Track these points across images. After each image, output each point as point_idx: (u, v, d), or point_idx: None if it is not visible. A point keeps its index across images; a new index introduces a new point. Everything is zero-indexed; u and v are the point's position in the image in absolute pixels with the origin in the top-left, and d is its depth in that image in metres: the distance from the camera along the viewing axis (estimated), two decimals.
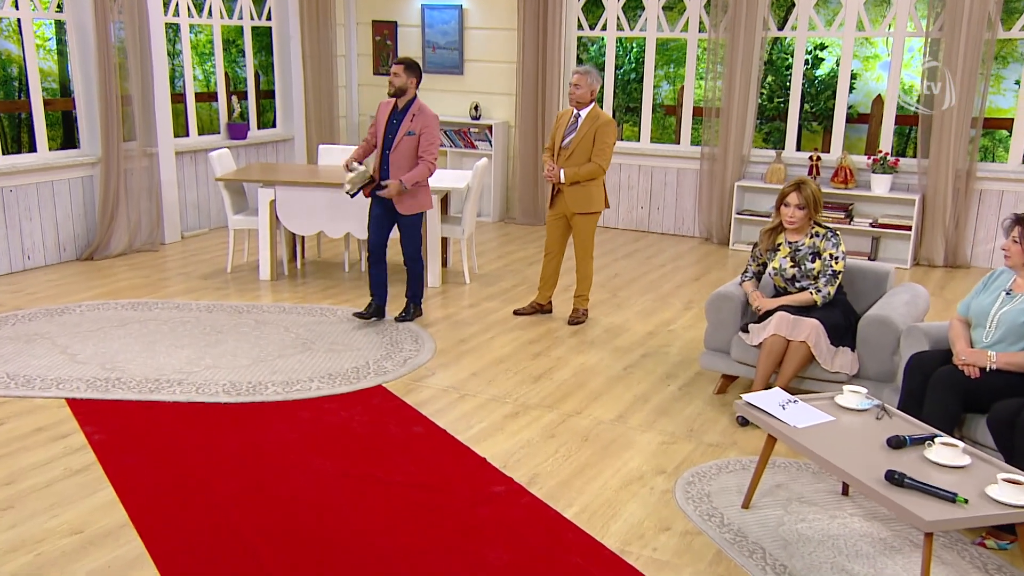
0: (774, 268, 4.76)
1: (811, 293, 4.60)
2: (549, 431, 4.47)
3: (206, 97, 10.21)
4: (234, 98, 9.07)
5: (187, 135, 8.74)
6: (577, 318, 6.19)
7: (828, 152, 8.30)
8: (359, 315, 6.03)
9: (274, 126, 9.76)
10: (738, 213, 8.46)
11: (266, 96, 10.10)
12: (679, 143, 9.09)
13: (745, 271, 4.96)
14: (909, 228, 7.71)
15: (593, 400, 4.88)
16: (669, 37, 8.92)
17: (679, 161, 8.90)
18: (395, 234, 6.08)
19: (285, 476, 3.94)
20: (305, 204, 6.88)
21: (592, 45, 10.77)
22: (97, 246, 7.67)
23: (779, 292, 4.82)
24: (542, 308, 6.35)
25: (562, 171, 5.86)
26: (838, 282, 4.60)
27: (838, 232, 4.70)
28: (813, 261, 4.64)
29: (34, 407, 4.62)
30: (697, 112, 8.86)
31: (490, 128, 9.37)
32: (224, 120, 9.09)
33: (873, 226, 7.84)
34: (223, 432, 4.38)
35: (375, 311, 6.05)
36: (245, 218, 7.20)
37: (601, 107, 6.30)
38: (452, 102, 9.62)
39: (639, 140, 9.08)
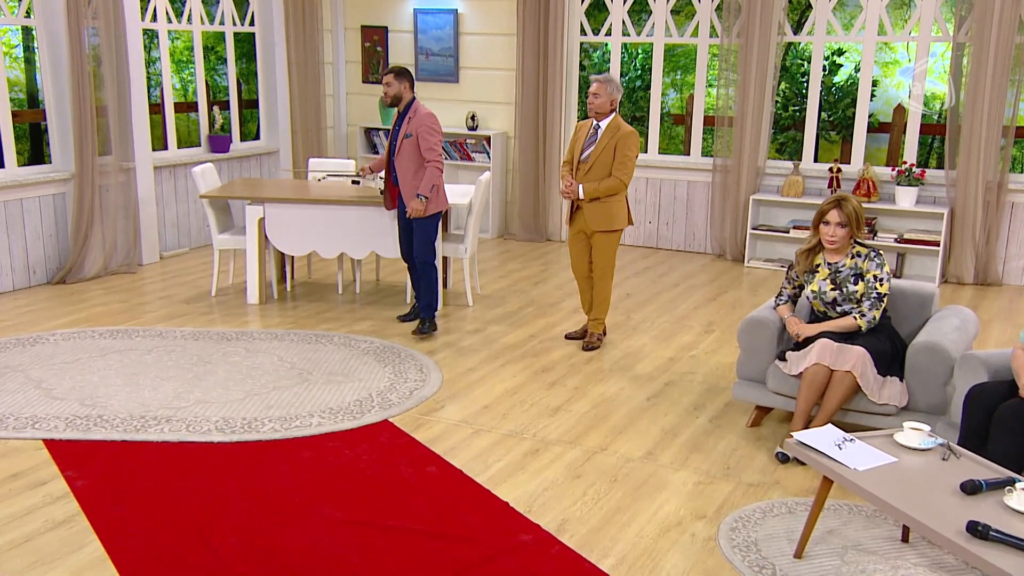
0: (813, 291, 4.61)
1: (854, 318, 4.45)
2: (574, 470, 4.30)
3: (184, 107, 10.02)
4: (215, 108, 8.89)
5: (165, 148, 8.55)
6: (592, 343, 6.03)
7: (848, 163, 8.19)
8: (403, 318, 6.49)
9: (257, 138, 9.57)
10: (753, 228, 8.33)
11: (247, 106, 9.92)
12: (689, 154, 8.97)
13: (779, 294, 4.81)
14: (937, 244, 7.60)
15: (618, 435, 4.71)
16: (678, 43, 8.81)
17: (689, 173, 8.77)
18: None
19: (290, 525, 3.75)
20: (296, 222, 6.70)
21: (594, 51, 10.66)
22: (70, 269, 7.45)
23: (818, 317, 4.68)
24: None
25: (581, 187, 5.71)
26: (883, 306, 4.46)
27: (881, 252, 4.56)
28: (855, 283, 4.49)
29: (8, 450, 4.41)
30: (708, 121, 8.75)
31: (488, 139, 9.23)
32: (205, 132, 8.90)
33: (899, 242, 7.73)
34: (218, 475, 4.18)
35: (418, 313, 6.39)
36: (231, 237, 7.01)
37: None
38: (447, 112, 9.46)
39: (646, 151, 8.95)
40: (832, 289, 4.54)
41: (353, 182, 6.72)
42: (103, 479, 4.13)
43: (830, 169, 8.01)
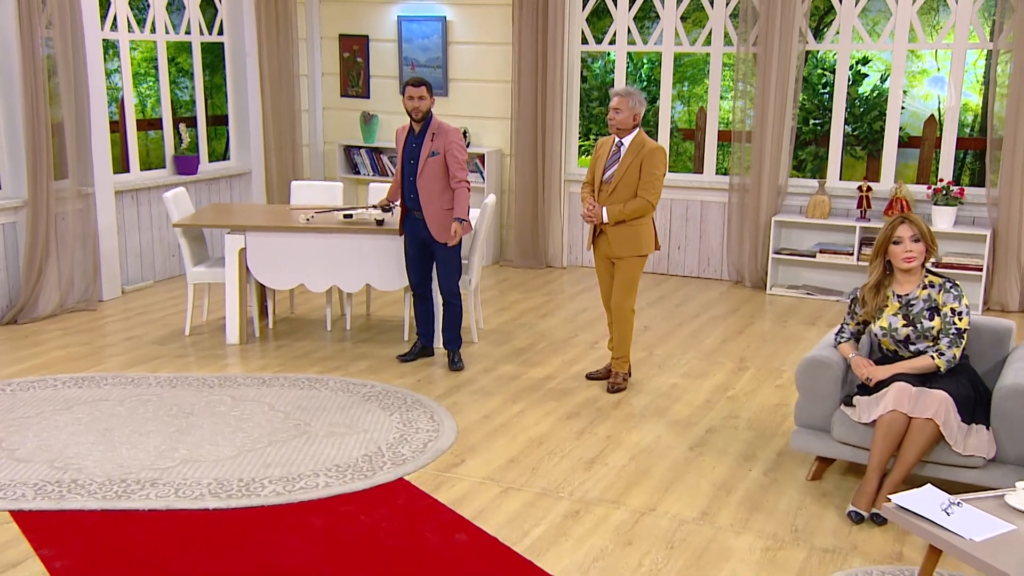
0: (882, 328, 4.41)
1: (932, 358, 4.25)
2: (623, 535, 4.05)
3: (144, 125, 9.70)
4: (181, 126, 8.58)
5: (127, 171, 8.23)
6: (618, 384, 5.80)
7: (877, 181, 8.06)
8: (403, 358, 6.25)
9: (227, 158, 9.28)
10: (776, 252, 8.17)
11: (213, 122, 9.63)
12: (702, 172, 8.81)
13: (840, 330, 4.61)
14: (979, 268, 7.47)
15: (664, 492, 4.46)
16: (689, 51, 8.66)
17: (703, 193, 8.60)
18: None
19: None
20: (282, 253, 6.42)
21: (594, 61, 10.49)
22: (22, 307, 7.10)
23: (886, 356, 4.48)
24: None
25: (604, 209, 5.50)
26: (964, 343, 4.27)
27: (957, 282, 4.38)
28: (931, 318, 4.30)
29: None
30: (722, 136, 8.60)
31: (481, 158, 9.01)
32: (170, 152, 8.59)
33: (936, 266, 7.58)
34: (217, 549, 3.88)
35: (421, 351, 6.31)
36: (207, 270, 6.71)
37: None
38: None
39: None
40: (904, 325, 4.35)
41: (345, 216, 6.41)
42: (85, 557, 3.81)
43: (859, 188, 7.87)
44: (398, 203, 6.24)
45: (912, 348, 4.36)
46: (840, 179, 8.27)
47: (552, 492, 4.45)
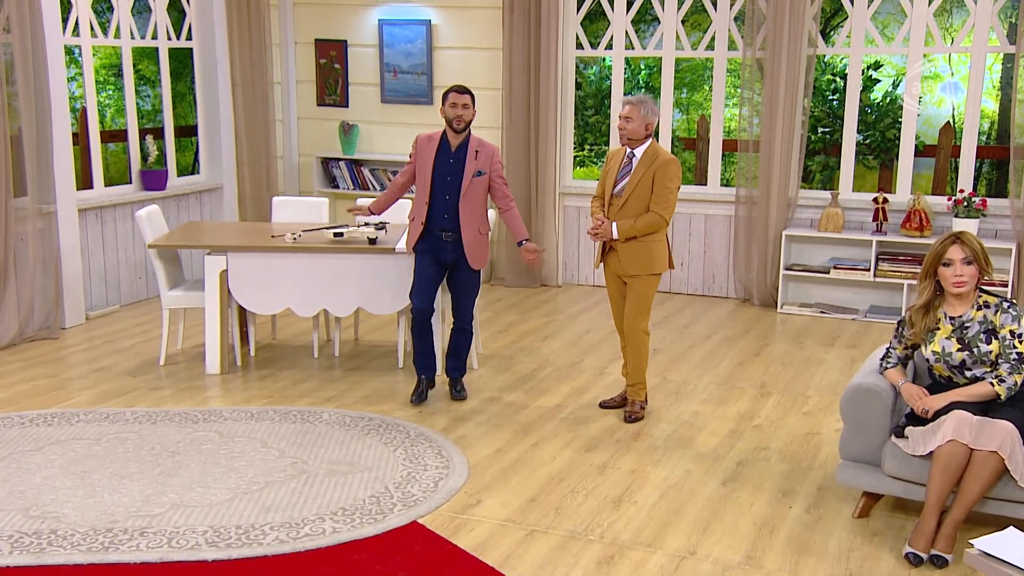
0: (935, 352, 4.30)
1: (991, 384, 4.15)
2: None
3: (106, 137, 9.44)
4: (148, 138, 8.35)
5: (91, 187, 7.99)
6: (635, 413, 5.66)
7: (893, 192, 8.00)
8: (415, 402, 5.88)
9: (196, 172, 9.06)
10: (787, 269, 8.08)
11: (180, 134, 9.41)
12: (705, 184, 8.73)
13: (886, 356, 4.50)
14: (1005, 284, 7.41)
15: (703, 532, 4.32)
16: (690, 56, 8.58)
17: (707, 206, 8.51)
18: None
19: None
20: (267, 275, 6.23)
21: (588, 68, 10.39)
22: None
23: (938, 382, 4.37)
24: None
25: (614, 225, 5.38)
26: None
27: (1015, 301, 4.28)
28: (988, 342, 4.20)
29: None
30: (727, 146, 8.52)
31: None
32: (136, 166, 8.36)
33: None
34: None
35: (428, 386, 5.96)
36: (184, 294, 6.50)
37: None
38: None
39: None
40: (959, 350, 4.24)
41: (336, 235, 6.21)
42: None
43: (875, 200, 7.81)
44: (374, 218, 6.18)
45: (968, 374, 4.25)
46: (852, 190, 8.21)
47: (581, 535, 4.29)
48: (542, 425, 5.59)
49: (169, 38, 8.60)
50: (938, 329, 4.32)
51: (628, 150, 5.48)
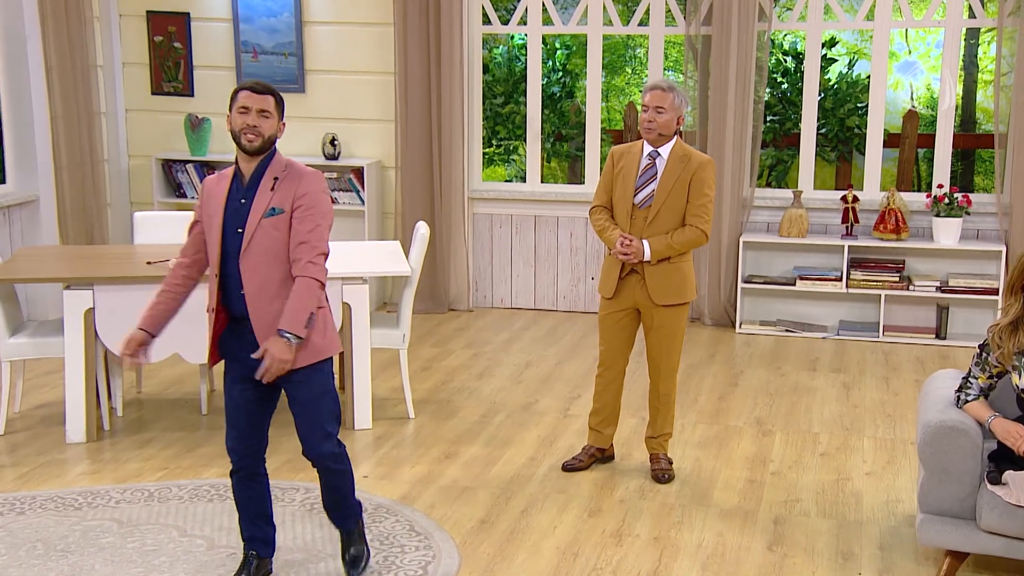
0: None
1: None
2: None
3: None
4: None
5: None
6: (667, 471, 5.44)
7: (860, 190, 8.13)
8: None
9: (2, 181, 8.34)
10: (745, 281, 8.08)
11: None
12: None
13: (965, 386, 4.45)
14: (993, 292, 7.61)
15: None
16: (622, 33, 8.50)
17: None
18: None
19: None
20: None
21: (495, 47, 10.17)
22: None
23: None
24: (603, 455, 5.59)
25: (645, 243, 5.16)
26: None
27: None
28: None
29: None
30: None
31: (358, 172, 8.51)
32: None
33: (941, 291, 7.69)
34: None
35: (260, 566, 4.33)
36: (29, 341, 5.94)
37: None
38: (290, 134, 8.55)
39: (583, 182, 8.55)
40: None
41: None
42: None
43: (843, 199, 7.91)
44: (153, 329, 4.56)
45: None
46: (813, 188, 8.30)
47: None
48: (522, 486, 5.34)
49: None
50: None
51: (648, 149, 5.22)
